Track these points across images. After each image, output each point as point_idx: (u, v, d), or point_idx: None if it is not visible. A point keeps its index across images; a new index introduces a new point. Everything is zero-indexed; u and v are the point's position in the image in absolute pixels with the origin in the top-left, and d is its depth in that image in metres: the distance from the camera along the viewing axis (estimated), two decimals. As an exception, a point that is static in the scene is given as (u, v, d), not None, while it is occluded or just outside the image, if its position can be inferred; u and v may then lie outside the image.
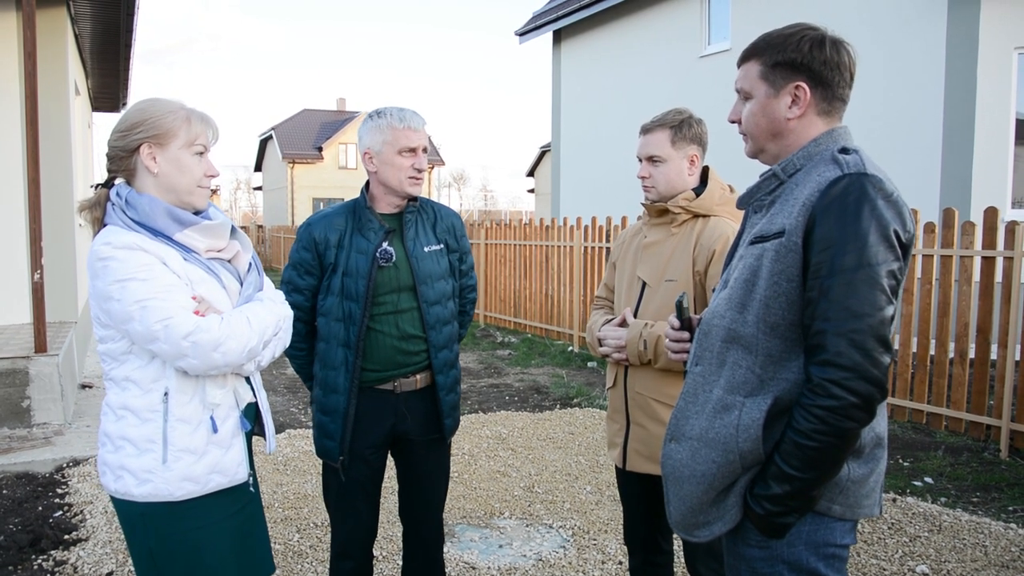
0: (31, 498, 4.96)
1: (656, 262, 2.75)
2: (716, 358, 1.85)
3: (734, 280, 1.84)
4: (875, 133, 10.49)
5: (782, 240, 1.74)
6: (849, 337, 1.62)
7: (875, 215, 1.65)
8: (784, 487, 1.71)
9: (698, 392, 1.88)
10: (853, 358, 1.62)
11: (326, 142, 45.53)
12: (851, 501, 1.80)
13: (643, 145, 2.79)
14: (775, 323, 1.75)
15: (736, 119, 1.95)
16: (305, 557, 4.13)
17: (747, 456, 1.76)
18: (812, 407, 1.66)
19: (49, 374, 6.56)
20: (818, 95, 1.83)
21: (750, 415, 1.75)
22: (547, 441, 6.28)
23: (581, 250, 10.58)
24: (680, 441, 1.88)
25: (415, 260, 2.86)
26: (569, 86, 18.00)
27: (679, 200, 2.73)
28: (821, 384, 1.64)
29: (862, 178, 1.69)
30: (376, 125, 2.82)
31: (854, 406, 1.63)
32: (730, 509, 1.82)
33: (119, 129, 2.13)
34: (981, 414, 6.05)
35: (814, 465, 1.68)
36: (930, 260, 6.44)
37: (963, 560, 4.05)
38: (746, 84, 1.90)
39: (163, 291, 2.01)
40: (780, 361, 1.76)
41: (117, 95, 14.28)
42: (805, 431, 1.66)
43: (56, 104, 8.28)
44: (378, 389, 2.89)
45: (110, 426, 2.13)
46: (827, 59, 1.82)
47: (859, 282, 1.63)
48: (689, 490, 1.85)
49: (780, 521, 1.75)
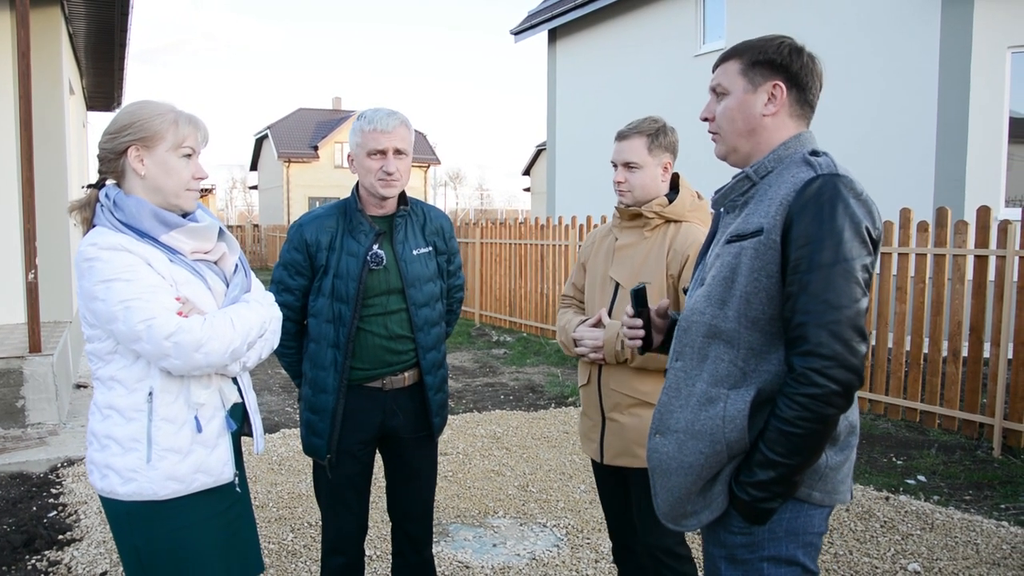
0: (25, 498, 4.96)
1: (630, 264, 2.84)
2: (697, 353, 1.92)
3: (711, 278, 1.90)
4: (869, 133, 10.52)
5: (760, 238, 1.81)
6: (829, 328, 1.71)
7: (848, 213, 1.74)
8: (769, 473, 1.77)
9: (680, 386, 1.94)
10: (833, 348, 1.70)
11: (322, 141, 45.51)
12: (829, 487, 1.88)
13: (619, 151, 2.88)
14: (755, 317, 1.82)
15: (709, 116, 2.01)
16: (299, 556, 4.14)
17: (733, 446, 1.82)
18: (796, 395, 1.73)
19: (43, 374, 6.56)
20: (793, 97, 1.92)
21: (735, 406, 1.82)
22: (542, 440, 6.29)
23: (576, 249, 10.60)
24: (666, 434, 1.94)
25: (404, 263, 2.89)
26: (564, 85, 18.01)
27: (652, 206, 2.82)
28: (804, 373, 1.72)
29: (835, 178, 1.77)
30: (354, 129, 2.88)
31: (835, 393, 1.71)
32: (716, 497, 1.88)
33: (108, 131, 2.14)
34: (974, 412, 6.07)
35: (798, 451, 1.75)
36: (923, 259, 6.45)
37: (955, 558, 4.06)
38: (724, 80, 1.97)
39: (147, 292, 2.02)
40: (761, 354, 1.84)
41: (112, 94, 14.28)
42: (789, 418, 1.74)
43: (50, 104, 8.28)
44: (367, 387, 2.91)
45: (96, 425, 2.14)
46: (804, 64, 1.91)
47: (836, 276, 1.71)
48: (677, 481, 1.91)
49: (764, 507, 1.81)
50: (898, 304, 6.63)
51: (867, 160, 10.11)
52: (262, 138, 49.82)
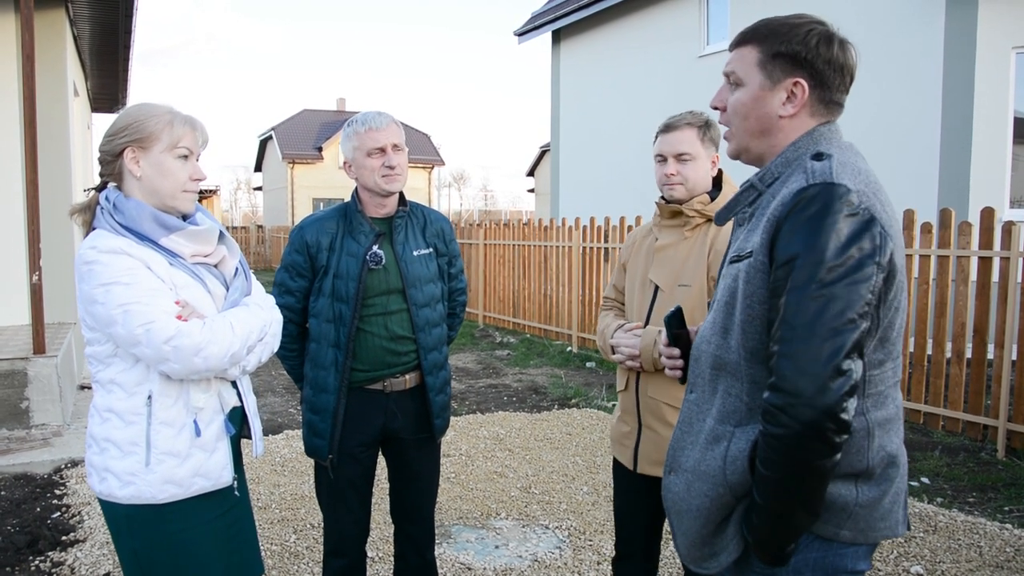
0: (29, 499, 4.98)
1: (670, 266, 2.70)
2: (708, 385, 1.76)
3: (716, 303, 1.76)
4: (873, 133, 10.49)
5: (750, 260, 1.63)
6: (796, 360, 1.48)
7: (835, 228, 1.50)
8: (761, 517, 1.59)
9: (693, 421, 1.80)
10: (796, 384, 1.47)
11: (326, 142, 45.48)
12: (862, 526, 1.66)
13: (670, 142, 2.70)
14: (754, 348, 1.64)
15: (720, 105, 1.80)
16: (301, 558, 4.14)
17: (736, 488, 1.65)
18: (764, 435, 1.54)
19: (48, 375, 6.58)
20: (815, 96, 1.70)
21: (737, 446, 1.65)
22: (544, 442, 6.29)
23: (580, 250, 10.59)
24: (677, 473, 1.81)
25: (404, 263, 2.91)
26: (568, 86, 18.01)
27: (694, 204, 2.68)
28: (768, 410, 1.52)
29: (828, 188, 1.55)
30: (346, 135, 2.92)
31: (803, 436, 1.47)
32: (731, 540, 1.72)
33: (107, 133, 2.15)
34: (978, 414, 6.06)
35: (780, 495, 1.55)
36: (927, 260, 6.45)
37: (958, 560, 4.05)
38: (739, 69, 1.74)
39: (146, 295, 2.02)
40: (764, 388, 1.58)
41: (116, 96, 14.31)
42: (763, 459, 1.55)
43: (55, 105, 8.29)
44: (368, 389, 2.92)
45: (96, 428, 2.15)
46: (832, 58, 1.68)
47: (808, 301, 1.49)
48: (688, 524, 1.76)
49: (773, 552, 1.62)
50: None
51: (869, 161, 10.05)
52: (266, 139, 49.86)
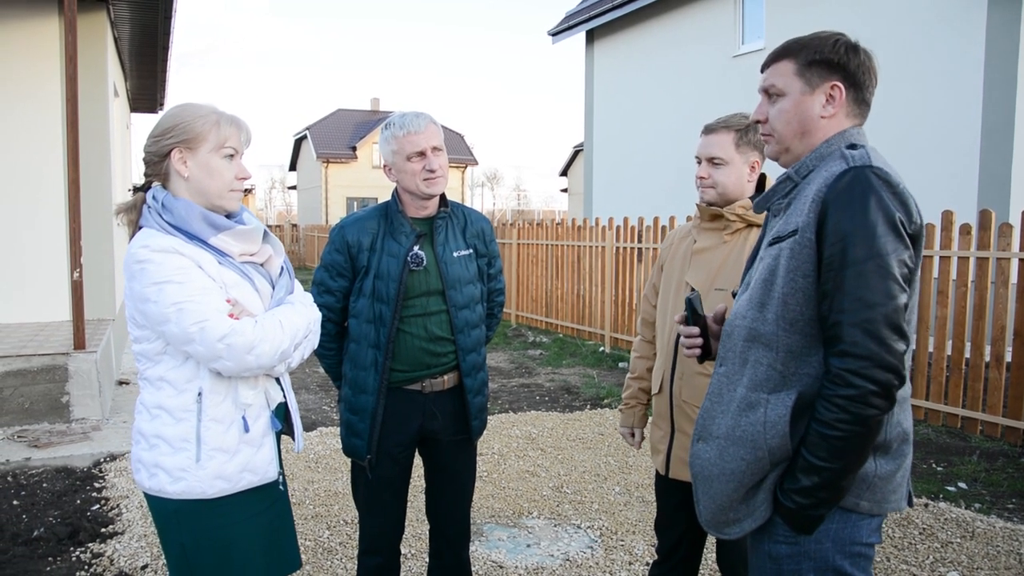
0: (69, 491, 5.08)
1: (707, 269, 2.68)
2: (739, 357, 1.89)
3: (754, 281, 1.88)
4: (913, 132, 10.37)
5: (796, 237, 1.79)
6: (863, 327, 1.68)
7: (881, 206, 1.70)
8: (813, 479, 1.74)
9: (723, 392, 1.91)
10: (868, 347, 1.67)
11: (360, 142, 45.83)
12: (878, 497, 1.83)
13: (705, 145, 2.69)
14: (794, 319, 1.80)
15: (762, 119, 1.97)
16: (335, 553, 4.18)
17: (776, 452, 1.79)
18: (833, 397, 1.70)
19: (87, 370, 6.70)
20: (851, 96, 1.88)
21: (776, 411, 1.79)
22: (577, 441, 6.29)
23: (613, 250, 10.57)
24: (707, 440, 1.92)
25: (444, 264, 2.91)
26: (602, 86, 17.98)
27: (735, 207, 2.66)
28: (840, 374, 1.70)
29: (866, 170, 1.74)
30: (385, 138, 2.91)
31: (873, 393, 1.67)
32: (759, 506, 1.85)
33: (153, 134, 2.18)
34: (1018, 419, 5.96)
35: (840, 455, 1.71)
36: (966, 262, 6.36)
37: (996, 567, 4.00)
38: (778, 81, 1.93)
39: (199, 294, 2.05)
40: (801, 356, 1.80)
41: (155, 96, 14.53)
42: (829, 421, 1.71)
43: (95, 106, 8.44)
44: (406, 389, 2.93)
45: (145, 424, 2.17)
46: (861, 63, 1.88)
47: (870, 273, 1.68)
48: (719, 488, 1.88)
49: (810, 514, 1.78)
50: (939, 308, 6.53)
51: (908, 161, 9.96)
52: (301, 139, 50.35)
